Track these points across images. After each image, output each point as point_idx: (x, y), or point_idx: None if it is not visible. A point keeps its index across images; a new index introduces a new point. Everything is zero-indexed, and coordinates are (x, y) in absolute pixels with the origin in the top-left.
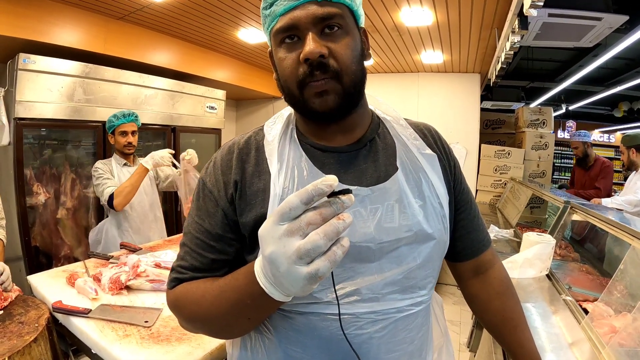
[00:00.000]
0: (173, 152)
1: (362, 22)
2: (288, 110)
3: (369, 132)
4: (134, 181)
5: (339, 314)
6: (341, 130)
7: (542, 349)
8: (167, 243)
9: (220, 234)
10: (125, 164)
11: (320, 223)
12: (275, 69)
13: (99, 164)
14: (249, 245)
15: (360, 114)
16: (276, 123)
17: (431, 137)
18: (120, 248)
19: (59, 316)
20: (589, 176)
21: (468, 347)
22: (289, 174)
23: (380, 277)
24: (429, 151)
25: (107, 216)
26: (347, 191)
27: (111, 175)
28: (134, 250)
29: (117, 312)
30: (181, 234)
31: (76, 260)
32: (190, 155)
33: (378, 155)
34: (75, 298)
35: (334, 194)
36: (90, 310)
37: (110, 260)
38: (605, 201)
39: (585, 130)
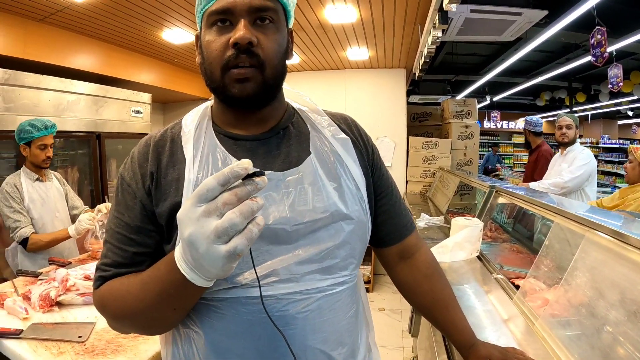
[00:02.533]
0: (94, 216)
1: (291, 23)
2: (205, 104)
3: (283, 121)
4: (51, 240)
5: (261, 295)
6: (256, 121)
7: (477, 326)
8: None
9: (139, 225)
10: (37, 179)
11: (235, 203)
12: (201, 52)
13: (7, 186)
14: (166, 235)
15: (276, 107)
16: (193, 115)
17: (346, 125)
18: (49, 263)
19: None
20: (529, 160)
21: (410, 333)
22: (204, 162)
23: (297, 257)
24: (342, 135)
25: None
26: (261, 173)
27: (22, 205)
28: (63, 264)
29: (49, 330)
30: None
31: (5, 281)
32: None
33: (291, 142)
34: (6, 319)
35: (248, 177)
36: (22, 330)
37: (40, 277)
38: (533, 185)
39: (534, 117)
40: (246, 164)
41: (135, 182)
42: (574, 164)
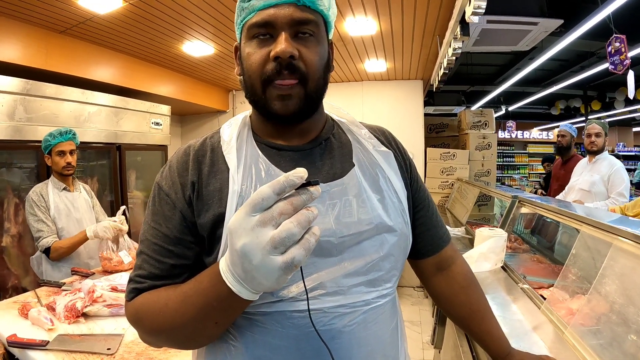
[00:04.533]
0: (118, 226)
1: (332, 34)
2: (242, 114)
3: (324, 132)
4: (71, 244)
5: (309, 309)
6: (298, 132)
7: (508, 335)
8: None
9: (179, 237)
10: (64, 189)
11: (291, 213)
12: (240, 64)
13: (34, 194)
14: (207, 247)
15: (317, 119)
16: (232, 125)
17: (384, 137)
18: (72, 274)
19: (15, 351)
20: (565, 170)
21: (432, 344)
22: (247, 172)
23: (344, 270)
24: (384, 148)
25: None
26: (315, 182)
27: (47, 214)
28: (86, 275)
29: (76, 342)
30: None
31: (25, 290)
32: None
33: (334, 153)
34: (30, 330)
35: (302, 186)
36: (48, 341)
37: (63, 288)
38: (588, 205)
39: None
40: (301, 173)
41: (174, 192)
42: (616, 184)
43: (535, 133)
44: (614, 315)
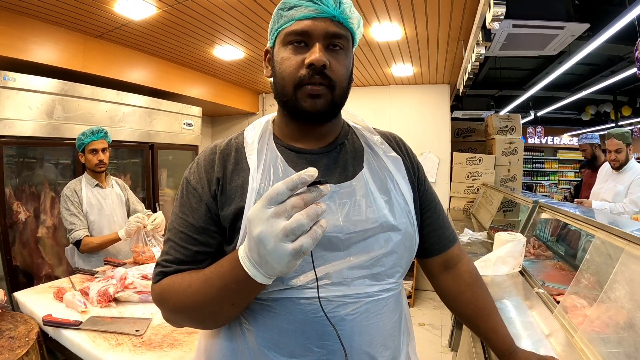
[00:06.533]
0: (142, 216)
1: (354, 49)
2: (265, 118)
3: (340, 138)
4: (102, 242)
5: (319, 296)
6: (317, 136)
7: (517, 336)
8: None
9: (203, 226)
10: (96, 185)
11: (302, 207)
12: (272, 67)
13: (68, 190)
14: (228, 237)
15: (335, 124)
16: (255, 128)
17: (396, 143)
18: (105, 263)
19: (49, 330)
20: (595, 178)
21: (450, 347)
22: (266, 172)
23: (349, 263)
24: (393, 154)
25: None
26: (325, 181)
27: (80, 209)
28: (118, 265)
29: (107, 323)
30: None
31: (57, 279)
32: (157, 221)
33: (347, 157)
34: (64, 312)
35: (313, 184)
36: (81, 322)
37: (96, 276)
38: (596, 204)
39: (594, 133)
40: (312, 172)
41: (201, 186)
42: (634, 192)
43: (565, 139)
44: (622, 321)
